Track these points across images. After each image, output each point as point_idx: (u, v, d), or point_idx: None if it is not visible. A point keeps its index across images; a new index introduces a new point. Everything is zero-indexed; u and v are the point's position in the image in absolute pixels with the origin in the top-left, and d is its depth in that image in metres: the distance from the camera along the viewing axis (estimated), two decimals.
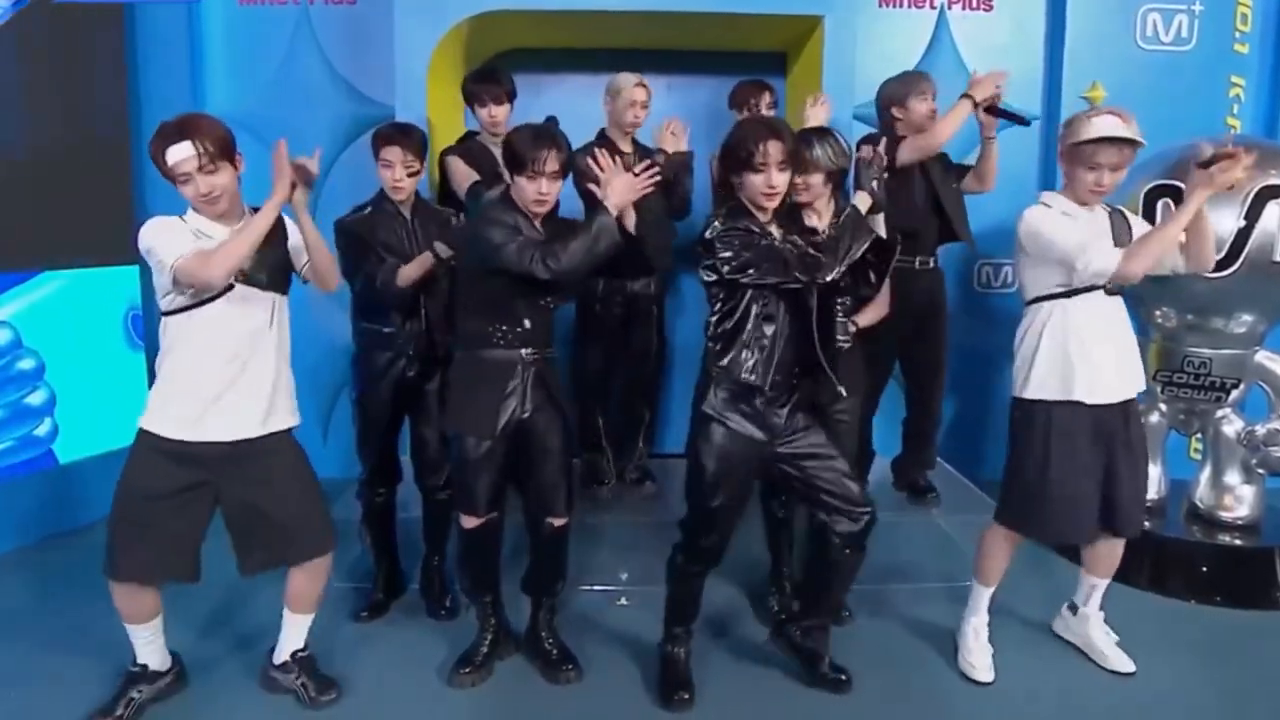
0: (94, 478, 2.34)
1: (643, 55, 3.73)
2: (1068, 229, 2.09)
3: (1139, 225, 2.20)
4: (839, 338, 2.17)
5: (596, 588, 2.77)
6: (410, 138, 2.41)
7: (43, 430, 3.17)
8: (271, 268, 1.96)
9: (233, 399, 1.92)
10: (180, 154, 1.82)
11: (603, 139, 2.94)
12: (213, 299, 1.89)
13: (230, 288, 1.89)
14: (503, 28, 3.37)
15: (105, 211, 3.28)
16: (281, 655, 2.19)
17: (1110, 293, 2.14)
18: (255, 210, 1.92)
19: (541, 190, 2.05)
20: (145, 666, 2.09)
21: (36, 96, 3.09)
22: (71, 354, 3.22)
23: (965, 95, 2.69)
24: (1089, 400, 2.12)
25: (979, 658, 2.30)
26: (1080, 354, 2.12)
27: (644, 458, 3.26)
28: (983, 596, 2.35)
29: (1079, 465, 2.13)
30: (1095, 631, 2.38)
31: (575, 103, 3.25)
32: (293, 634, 2.17)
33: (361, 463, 2.59)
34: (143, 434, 1.94)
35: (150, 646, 2.09)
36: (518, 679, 2.30)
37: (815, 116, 2.69)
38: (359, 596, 2.68)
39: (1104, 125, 2.05)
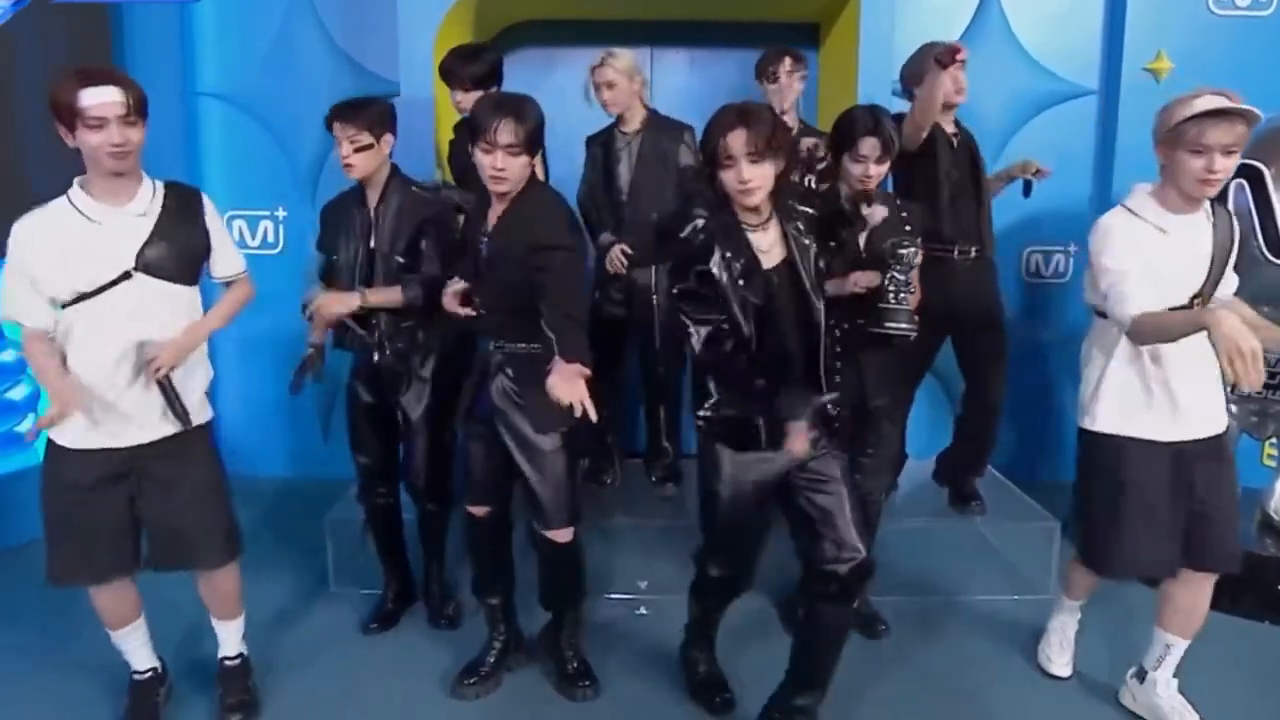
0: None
1: (662, 27, 3.59)
2: (1122, 254, 1.85)
3: (1239, 240, 1.95)
4: (903, 326, 2.09)
5: (615, 596, 2.66)
6: (354, 111, 2.22)
7: (25, 427, 3.04)
8: (178, 257, 1.81)
9: (127, 404, 1.81)
10: (101, 97, 1.67)
11: (609, 129, 2.91)
12: (103, 289, 1.76)
13: (126, 276, 1.77)
14: None
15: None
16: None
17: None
18: (166, 185, 1.84)
19: (496, 165, 1.88)
20: (155, 669, 2.05)
21: (16, 74, 2.96)
22: None
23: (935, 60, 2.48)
24: (1167, 439, 1.93)
25: (1058, 654, 2.28)
26: (1160, 383, 1.91)
27: (673, 458, 3.11)
28: (1067, 605, 2.30)
29: (1156, 506, 1.93)
30: (1166, 703, 2.07)
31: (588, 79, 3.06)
32: (221, 638, 2.10)
33: (354, 463, 2.49)
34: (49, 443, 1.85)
35: (143, 650, 2.04)
36: (528, 688, 2.21)
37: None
38: (364, 602, 2.58)
39: (1211, 101, 1.81)
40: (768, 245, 1.84)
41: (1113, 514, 1.95)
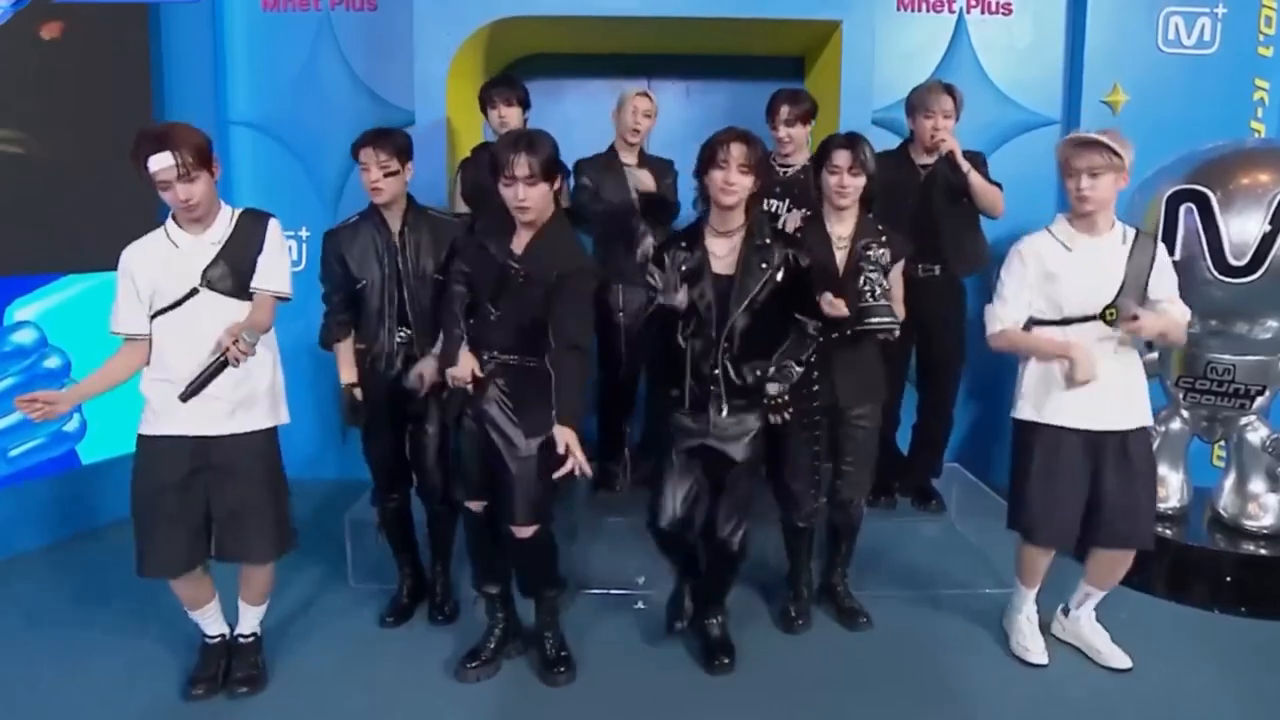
0: (118, 477, 2.47)
1: (661, 60, 3.77)
2: (1011, 270, 2.24)
3: (1163, 266, 2.18)
4: (886, 320, 2.25)
5: (614, 592, 2.76)
6: (385, 138, 2.32)
7: (72, 426, 3.23)
8: (237, 275, 2.02)
9: (204, 402, 1.99)
10: (160, 164, 1.90)
11: (611, 152, 2.98)
12: (178, 304, 1.99)
13: (194, 292, 1.99)
14: (522, 33, 3.41)
15: (128, 215, 3.31)
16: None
17: (1112, 323, 2.15)
18: (242, 212, 2.07)
19: (518, 196, 2.02)
20: (223, 635, 2.23)
21: (62, 101, 3.12)
22: (96, 354, 3.24)
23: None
24: (1074, 425, 2.20)
25: (1032, 642, 2.40)
26: (1073, 379, 2.16)
27: None
28: (1025, 595, 2.45)
29: (1061, 478, 2.22)
30: (1088, 632, 2.43)
31: (594, 107, 3.27)
32: (242, 617, 2.26)
33: (368, 468, 2.58)
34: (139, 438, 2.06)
35: (216, 623, 2.23)
36: (528, 675, 2.30)
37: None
38: (381, 597, 2.68)
39: (1078, 134, 2.13)
40: (723, 253, 2.11)
41: (1024, 486, 2.28)
